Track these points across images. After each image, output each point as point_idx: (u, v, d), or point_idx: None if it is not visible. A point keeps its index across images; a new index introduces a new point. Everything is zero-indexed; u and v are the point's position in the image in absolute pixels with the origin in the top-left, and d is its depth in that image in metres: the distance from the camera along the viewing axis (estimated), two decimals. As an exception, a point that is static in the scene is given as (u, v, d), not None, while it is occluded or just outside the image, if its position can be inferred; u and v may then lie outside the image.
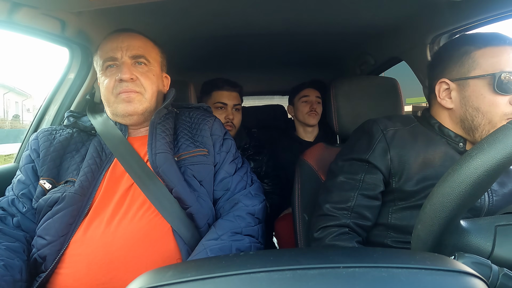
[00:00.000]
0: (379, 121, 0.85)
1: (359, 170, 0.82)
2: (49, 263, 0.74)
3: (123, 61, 0.85)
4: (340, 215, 0.80)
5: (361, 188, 0.81)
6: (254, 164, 1.54)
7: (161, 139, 0.85)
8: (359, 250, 0.48)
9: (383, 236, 0.81)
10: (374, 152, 0.81)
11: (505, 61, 0.74)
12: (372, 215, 0.81)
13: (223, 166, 0.92)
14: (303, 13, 1.12)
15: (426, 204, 0.43)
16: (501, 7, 0.91)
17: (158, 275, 0.32)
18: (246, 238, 0.81)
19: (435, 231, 0.42)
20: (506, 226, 0.43)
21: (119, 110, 0.86)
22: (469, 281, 0.30)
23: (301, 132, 1.74)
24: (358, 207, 0.80)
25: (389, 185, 0.81)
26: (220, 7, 1.04)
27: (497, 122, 0.75)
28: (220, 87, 1.47)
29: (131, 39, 0.88)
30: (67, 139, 0.88)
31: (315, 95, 1.69)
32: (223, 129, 0.98)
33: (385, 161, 0.80)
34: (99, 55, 0.88)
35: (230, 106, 1.47)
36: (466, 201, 0.40)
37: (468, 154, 0.40)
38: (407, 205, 0.79)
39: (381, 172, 0.80)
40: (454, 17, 1.03)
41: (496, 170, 0.38)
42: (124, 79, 0.84)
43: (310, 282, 0.28)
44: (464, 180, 0.39)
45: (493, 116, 0.75)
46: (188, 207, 0.81)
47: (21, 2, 0.80)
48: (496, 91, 0.73)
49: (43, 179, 0.81)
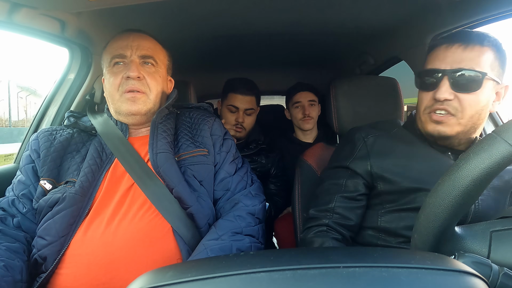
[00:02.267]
0: (362, 129, 0.89)
1: (341, 176, 0.86)
2: (49, 263, 0.74)
3: (131, 60, 0.86)
4: (321, 216, 0.84)
5: (342, 191, 0.85)
6: (266, 161, 1.52)
7: (162, 138, 0.86)
8: (359, 250, 0.48)
9: (375, 238, 0.82)
10: (355, 159, 0.85)
11: (431, 60, 0.78)
12: (354, 215, 0.83)
13: (223, 166, 0.92)
14: (303, 13, 1.12)
15: (420, 215, 0.44)
16: (501, 7, 0.91)
17: (159, 275, 0.32)
18: (247, 238, 0.81)
19: (431, 240, 0.43)
20: (501, 231, 0.43)
21: (122, 109, 0.86)
22: (470, 280, 0.30)
23: (300, 134, 1.72)
24: (339, 208, 0.83)
25: (374, 189, 0.83)
26: (220, 7, 1.04)
27: (421, 115, 0.80)
28: (235, 89, 1.46)
29: (141, 40, 0.89)
30: (67, 139, 0.88)
31: (307, 99, 1.62)
32: (223, 129, 0.98)
33: (365, 167, 0.83)
34: (108, 52, 0.88)
35: (242, 110, 1.45)
36: (458, 210, 0.40)
37: (456, 164, 0.41)
38: (395, 208, 0.80)
39: (362, 177, 0.84)
40: (454, 17, 1.03)
41: (483, 179, 0.39)
42: (131, 76, 0.84)
43: (310, 282, 0.28)
44: (453, 190, 0.40)
45: (419, 110, 0.81)
46: (189, 207, 0.81)
47: (20, 2, 0.80)
48: (418, 88, 0.81)
49: (44, 180, 0.81)
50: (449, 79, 0.74)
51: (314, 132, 1.72)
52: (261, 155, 1.52)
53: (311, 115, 1.61)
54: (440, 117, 0.76)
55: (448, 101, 0.74)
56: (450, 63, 0.74)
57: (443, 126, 0.76)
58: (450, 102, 0.74)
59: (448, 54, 0.75)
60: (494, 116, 1.16)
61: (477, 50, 0.73)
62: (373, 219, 0.82)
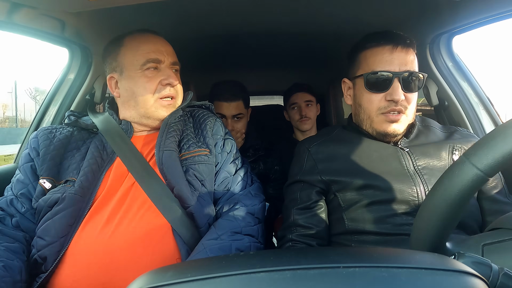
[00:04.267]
0: (305, 141, 0.94)
1: (295, 190, 0.90)
2: (49, 264, 0.74)
3: (165, 66, 0.88)
4: (286, 233, 0.87)
5: (297, 204, 0.88)
6: (264, 166, 1.50)
7: (171, 137, 0.87)
8: (359, 250, 0.48)
9: (349, 241, 0.83)
10: (305, 172, 0.88)
11: (377, 62, 0.81)
12: (315, 221, 0.85)
13: (224, 166, 0.92)
14: (303, 13, 1.12)
15: (411, 238, 0.46)
16: (501, 7, 0.91)
17: (158, 275, 0.32)
18: (246, 237, 0.81)
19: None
20: (492, 244, 0.44)
21: (156, 114, 0.88)
22: (469, 280, 0.30)
23: (299, 135, 1.71)
24: (297, 220, 0.86)
25: (330, 192, 0.85)
26: (220, 7, 1.04)
27: (374, 117, 0.83)
28: (219, 97, 1.40)
29: (167, 45, 0.91)
30: (67, 137, 0.87)
31: (303, 99, 1.60)
32: (224, 129, 0.98)
33: (316, 177, 0.86)
34: (138, 53, 0.86)
35: (229, 117, 1.41)
36: (442, 232, 0.42)
37: (432, 189, 0.43)
38: (355, 206, 0.81)
39: (316, 186, 0.86)
40: (454, 17, 1.03)
41: (458, 203, 0.40)
42: (174, 84, 0.88)
43: (310, 282, 0.28)
44: (433, 215, 0.41)
45: (371, 112, 0.83)
46: (189, 206, 0.81)
47: (20, 2, 0.80)
48: (367, 89, 0.81)
49: (43, 179, 0.81)
50: (400, 81, 0.79)
51: (313, 133, 1.71)
52: (259, 161, 1.50)
53: (308, 116, 1.60)
54: (395, 117, 0.80)
55: (401, 101, 0.80)
56: (398, 65, 0.79)
57: (397, 124, 0.81)
58: (402, 102, 0.80)
59: (394, 57, 0.80)
60: (494, 116, 1.16)
61: (411, 53, 0.82)
62: (341, 225, 0.83)
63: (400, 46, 0.80)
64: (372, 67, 0.81)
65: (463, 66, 1.21)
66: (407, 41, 0.81)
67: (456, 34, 1.15)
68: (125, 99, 0.90)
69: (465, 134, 0.89)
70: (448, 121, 1.25)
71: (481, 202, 0.82)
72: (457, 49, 1.21)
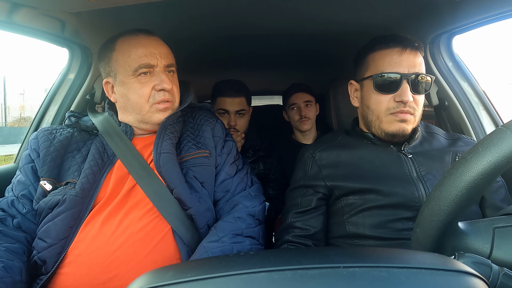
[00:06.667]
0: (309, 147, 0.95)
1: (298, 195, 0.90)
2: (49, 266, 0.74)
3: (159, 70, 0.85)
4: (283, 235, 0.88)
5: (298, 208, 0.88)
6: (264, 167, 1.50)
7: (168, 139, 0.85)
8: (359, 250, 0.48)
9: (348, 244, 0.83)
10: (309, 176, 0.89)
11: (386, 63, 0.82)
12: (314, 222, 0.86)
13: (224, 168, 0.92)
14: (303, 13, 1.12)
15: (424, 208, 0.44)
16: (501, 7, 0.91)
17: (159, 275, 0.32)
18: (247, 240, 0.81)
19: (434, 234, 0.42)
20: (504, 228, 0.43)
21: (153, 119, 0.87)
22: (470, 281, 0.30)
23: (299, 135, 1.71)
24: (295, 222, 0.87)
25: (332, 196, 0.86)
26: (220, 7, 1.04)
27: (383, 117, 0.83)
28: (222, 93, 1.43)
29: (161, 46, 0.88)
30: (67, 138, 0.87)
31: (303, 99, 1.60)
32: (224, 130, 0.98)
33: (320, 182, 0.87)
34: (130, 59, 0.84)
35: (232, 113, 1.43)
36: (463, 204, 0.40)
37: (463, 157, 0.41)
38: (357, 210, 0.82)
39: (319, 191, 0.87)
40: (454, 17, 1.03)
41: (491, 173, 0.38)
42: (167, 89, 0.85)
43: (310, 282, 0.28)
44: (459, 184, 0.39)
45: (379, 112, 0.84)
46: (189, 208, 0.81)
47: (20, 2, 0.80)
48: (376, 90, 0.83)
49: (44, 180, 0.81)
50: (408, 82, 0.80)
51: (313, 133, 1.71)
52: (258, 161, 1.51)
53: (307, 116, 1.59)
54: (405, 115, 0.82)
55: (409, 102, 0.81)
56: (407, 67, 0.81)
57: (406, 124, 0.82)
58: (410, 103, 0.81)
59: (403, 59, 0.81)
60: (494, 116, 1.16)
61: (419, 56, 0.83)
62: (341, 229, 0.84)
63: (409, 49, 0.81)
64: (381, 69, 0.82)
65: (463, 66, 1.21)
66: (415, 44, 0.82)
67: (456, 34, 1.15)
68: (122, 104, 0.89)
69: (468, 142, 0.90)
70: (448, 121, 1.25)
71: (484, 210, 0.82)
72: (457, 49, 1.21)
